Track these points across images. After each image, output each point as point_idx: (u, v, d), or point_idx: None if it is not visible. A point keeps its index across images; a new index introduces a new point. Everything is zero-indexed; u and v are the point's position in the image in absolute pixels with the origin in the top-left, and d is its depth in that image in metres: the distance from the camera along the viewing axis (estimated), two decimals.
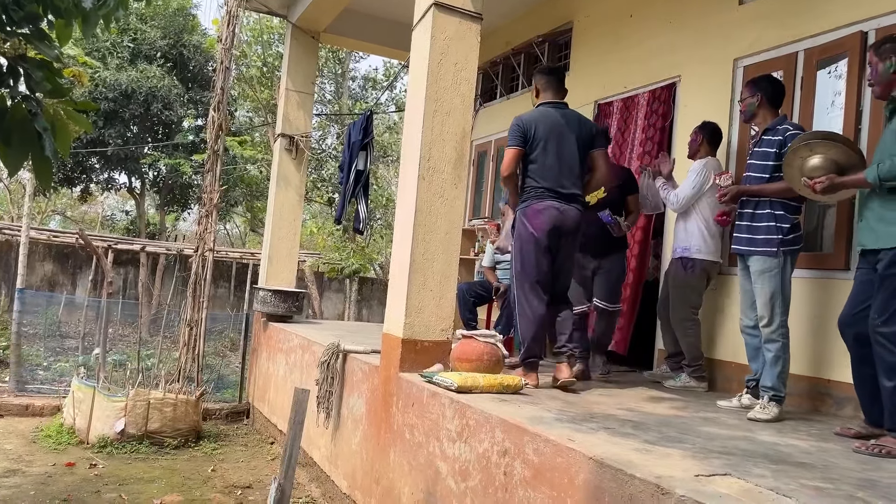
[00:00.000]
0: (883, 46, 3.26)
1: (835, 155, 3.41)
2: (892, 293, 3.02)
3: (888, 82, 3.25)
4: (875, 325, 3.05)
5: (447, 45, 4.08)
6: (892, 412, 3.01)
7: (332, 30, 8.05)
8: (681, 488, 2.08)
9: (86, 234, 11.44)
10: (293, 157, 7.64)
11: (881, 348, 3.03)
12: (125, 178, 18.22)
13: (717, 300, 5.01)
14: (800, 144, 3.53)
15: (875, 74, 3.29)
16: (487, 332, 4.09)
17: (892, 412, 3.01)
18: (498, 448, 2.95)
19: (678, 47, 5.56)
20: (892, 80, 3.24)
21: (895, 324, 2.99)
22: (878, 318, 3.05)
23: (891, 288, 3.02)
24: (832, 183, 3.33)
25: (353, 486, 4.42)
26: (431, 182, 4.04)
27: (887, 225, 3.09)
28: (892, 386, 3.00)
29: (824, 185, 3.34)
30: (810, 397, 4.26)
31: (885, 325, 3.01)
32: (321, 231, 18.93)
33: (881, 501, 2.18)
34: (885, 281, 3.06)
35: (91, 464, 5.30)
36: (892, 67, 3.21)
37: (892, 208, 3.09)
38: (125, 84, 15.16)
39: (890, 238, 3.07)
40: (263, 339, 7.29)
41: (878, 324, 3.04)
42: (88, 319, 11.57)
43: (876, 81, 3.30)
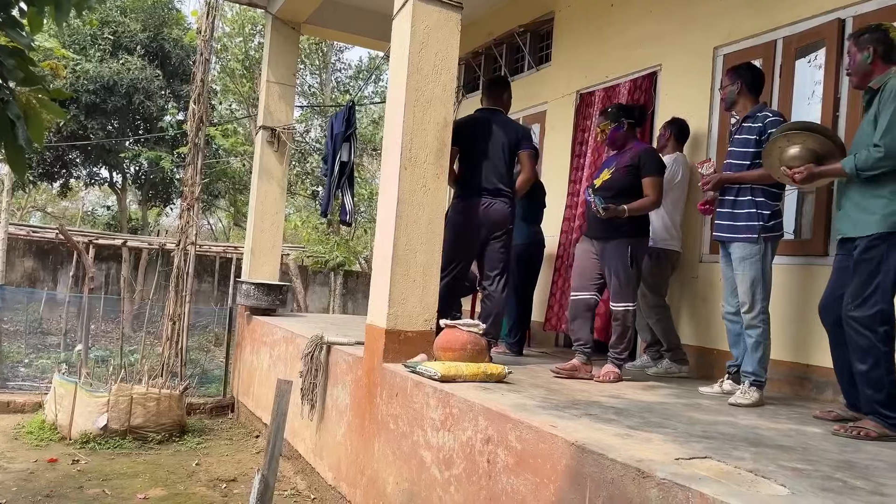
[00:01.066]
0: (862, 36, 3.28)
1: (813, 144, 3.44)
2: (865, 278, 3.06)
3: (865, 72, 3.28)
4: (848, 310, 3.09)
5: (427, 35, 4.06)
6: (867, 395, 3.06)
7: (313, 21, 7.99)
8: (661, 471, 2.10)
9: (66, 229, 11.32)
10: (275, 150, 7.60)
11: (853, 332, 3.07)
12: (106, 173, 18.04)
13: (698, 288, 5.06)
14: (779, 135, 3.57)
15: (853, 64, 3.32)
16: (470, 321, 4.09)
17: (867, 395, 3.06)
18: (481, 436, 2.96)
19: (659, 36, 5.57)
20: (869, 70, 3.26)
21: (867, 308, 3.03)
22: (851, 303, 3.09)
23: (865, 273, 3.07)
24: (810, 173, 3.36)
25: (339, 477, 4.42)
26: (413, 172, 4.03)
27: (864, 213, 3.13)
28: (864, 369, 3.04)
29: (803, 175, 3.36)
30: (790, 382, 4.31)
31: (858, 310, 3.05)
32: (305, 224, 18.85)
33: (859, 482, 2.21)
34: (860, 266, 3.10)
35: (73, 459, 5.25)
36: (869, 58, 3.24)
37: (869, 197, 3.12)
38: (107, 76, 14.99)
39: (867, 226, 3.10)
40: (247, 333, 7.26)
41: (851, 308, 3.08)
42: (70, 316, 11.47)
43: (853, 71, 3.33)
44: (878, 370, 3.00)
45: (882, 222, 3.05)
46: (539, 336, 6.59)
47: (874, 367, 3.00)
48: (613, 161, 4.48)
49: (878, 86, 3.19)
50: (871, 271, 3.05)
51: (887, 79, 3.17)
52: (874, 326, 3.00)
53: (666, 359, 4.81)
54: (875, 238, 3.06)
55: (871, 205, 3.11)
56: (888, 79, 3.16)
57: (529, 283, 5.55)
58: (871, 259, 3.06)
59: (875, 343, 3.00)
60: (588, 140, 6.35)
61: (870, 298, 3.03)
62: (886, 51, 3.22)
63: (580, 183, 6.36)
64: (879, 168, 3.05)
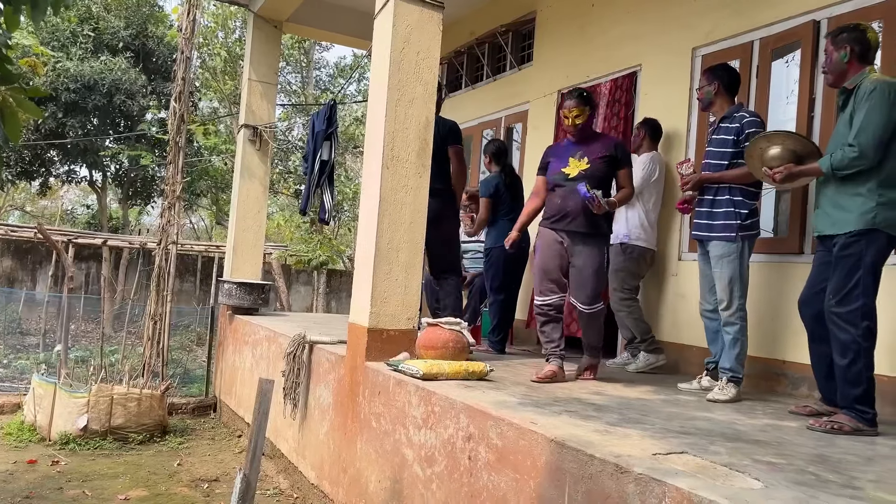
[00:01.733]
0: (839, 36, 3.33)
1: (792, 145, 3.50)
2: (846, 274, 3.12)
3: (841, 71, 3.33)
4: (830, 305, 3.15)
5: (409, 34, 4.07)
6: (844, 390, 3.12)
7: (295, 19, 7.96)
8: (639, 467, 2.13)
9: (45, 228, 11.20)
10: (257, 149, 7.57)
11: (835, 327, 3.13)
12: (86, 172, 17.85)
13: (677, 285, 5.11)
14: (759, 136, 3.63)
15: (829, 63, 3.37)
16: (453, 319, 4.11)
17: (844, 390, 3.12)
18: (463, 433, 2.98)
19: (639, 36, 5.62)
20: (845, 69, 3.31)
21: (848, 303, 3.09)
22: (832, 298, 3.15)
23: (845, 269, 3.12)
24: (790, 172, 3.42)
25: (321, 476, 4.43)
26: (395, 171, 4.04)
27: (842, 211, 3.19)
28: (844, 364, 3.10)
29: (783, 174, 3.42)
30: (766, 378, 4.38)
31: (839, 305, 3.11)
32: (288, 223, 18.78)
33: (831, 475, 2.26)
34: (840, 262, 3.16)
35: (53, 460, 5.21)
36: (846, 57, 3.29)
37: (846, 196, 3.18)
38: (88, 75, 14.82)
39: (845, 223, 3.16)
40: (229, 333, 7.23)
41: (833, 304, 3.14)
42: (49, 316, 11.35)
43: (829, 70, 3.38)
44: (858, 365, 3.06)
45: (859, 220, 3.11)
46: (522, 334, 6.62)
47: (854, 361, 3.06)
48: (578, 150, 4.18)
49: (853, 86, 3.25)
50: (851, 267, 3.11)
51: (861, 79, 3.22)
52: (856, 321, 3.06)
53: (642, 351, 4.88)
54: (853, 235, 3.12)
55: (849, 203, 3.16)
56: (862, 79, 3.22)
57: (514, 282, 5.58)
58: (850, 255, 3.12)
59: (856, 338, 3.06)
60: None
61: (851, 293, 3.09)
62: (863, 51, 3.27)
63: None
64: (854, 167, 3.12)
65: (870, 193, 3.11)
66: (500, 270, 5.41)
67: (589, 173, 4.10)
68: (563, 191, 4.14)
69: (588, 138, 4.25)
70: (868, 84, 3.17)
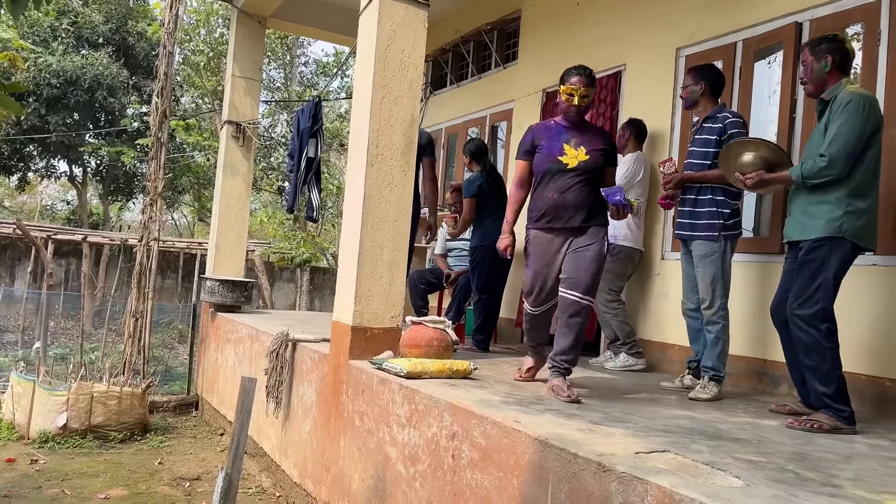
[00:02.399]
0: (819, 46, 3.34)
1: (765, 153, 3.55)
2: (808, 278, 3.18)
3: (822, 81, 3.34)
4: (792, 309, 3.21)
5: (394, 31, 4.06)
6: (816, 390, 3.16)
7: (279, 15, 7.92)
8: (621, 465, 2.14)
9: (24, 224, 11.05)
10: (240, 145, 7.52)
11: (798, 330, 3.18)
12: (66, 167, 17.63)
13: (660, 285, 5.15)
14: (734, 142, 3.69)
15: (809, 73, 3.37)
16: (437, 318, 4.11)
17: (816, 390, 3.16)
18: (446, 432, 2.98)
19: (623, 36, 5.65)
20: (825, 79, 3.33)
21: (809, 306, 3.14)
22: (794, 302, 3.21)
23: (808, 273, 3.19)
24: (761, 179, 3.46)
25: (304, 474, 4.41)
26: (380, 169, 4.02)
27: (810, 218, 3.25)
28: (811, 365, 3.16)
29: (754, 180, 3.47)
30: (748, 377, 4.42)
31: (801, 308, 3.17)
32: (271, 220, 18.66)
33: (810, 473, 2.29)
34: (804, 267, 3.22)
35: (32, 459, 5.15)
36: (827, 67, 3.31)
37: (815, 203, 3.25)
38: (70, 70, 14.64)
39: (812, 230, 3.23)
40: (212, 330, 7.18)
41: (795, 307, 3.20)
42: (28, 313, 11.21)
43: (809, 80, 3.39)
44: (825, 365, 3.11)
45: (826, 227, 3.17)
46: (506, 332, 6.64)
47: (820, 362, 3.12)
48: (572, 137, 3.71)
49: (829, 97, 3.29)
50: (813, 271, 3.17)
51: (838, 90, 3.27)
52: (816, 324, 3.12)
53: (623, 353, 4.91)
54: (819, 240, 3.19)
55: (817, 210, 3.23)
56: (839, 90, 3.26)
57: (500, 281, 5.57)
58: (813, 260, 3.18)
59: (818, 340, 3.11)
60: None
61: (812, 297, 3.14)
62: (843, 61, 3.31)
63: None
64: (823, 177, 3.18)
65: (838, 202, 3.17)
66: (485, 270, 5.39)
67: (588, 166, 3.64)
68: (561, 183, 3.63)
69: (582, 126, 3.79)
70: (844, 95, 3.20)
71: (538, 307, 3.78)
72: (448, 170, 8.24)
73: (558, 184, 3.65)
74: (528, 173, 3.85)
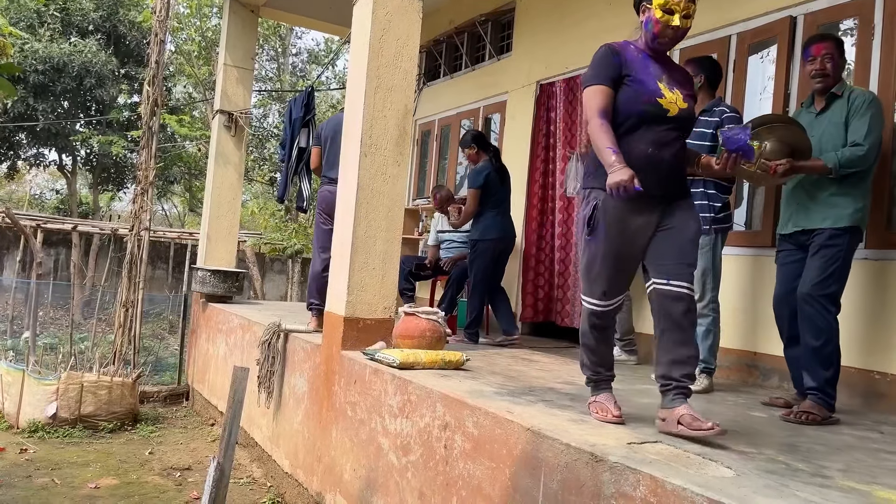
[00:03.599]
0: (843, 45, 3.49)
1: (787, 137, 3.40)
2: (825, 262, 3.25)
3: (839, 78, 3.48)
4: (806, 291, 3.26)
5: (389, 21, 4.04)
6: (816, 371, 3.22)
7: (273, 4, 7.85)
8: (614, 455, 2.15)
9: (13, 212, 10.96)
10: (232, 135, 7.48)
11: (811, 309, 3.23)
12: (55, 156, 17.49)
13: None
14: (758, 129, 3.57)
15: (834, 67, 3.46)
16: (430, 309, 4.11)
17: (816, 371, 3.22)
18: (439, 422, 2.98)
19: (618, 29, 5.61)
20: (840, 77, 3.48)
21: (824, 287, 3.22)
22: (808, 283, 3.26)
23: (826, 258, 3.26)
24: (792, 166, 3.35)
25: (296, 464, 4.41)
26: (374, 159, 4.01)
27: (832, 207, 3.32)
28: (818, 345, 3.22)
29: (785, 167, 3.32)
30: (738, 369, 4.45)
31: (815, 288, 3.23)
32: (263, 211, 18.59)
33: (801, 464, 2.30)
34: (822, 251, 3.28)
35: (22, 448, 5.12)
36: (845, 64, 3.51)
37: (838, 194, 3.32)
38: (57, 57, 14.46)
39: (838, 218, 3.29)
40: (203, 321, 7.16)
41: (809, 287, 3.25)
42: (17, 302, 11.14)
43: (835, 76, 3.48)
44: (830, 347, 3.21)
45: (852, 217, 3.27)
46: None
47: (827, 343, 3.20)
48: (662, 73, 2.81)
49: (840, 92, 3.41)
50: (831, 257, 3.25)
51: (847, 89, 3.41)
52: (828, 305, 3.21)
53: (617, 346, 4.92)
54: (838, 231, 3.27)
55: (843, 201, 3.30)
56: (849, 89, 3.40)
57: (500, 274, 5.50)
58: (833, 246, 3.26)
59: (829, 321, 3.20)
60: (555, 130, 6.42)
61: (827, 280, 3.23)
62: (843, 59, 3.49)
63: (552, 175, 6.44)
64: (858, 167, 3.26)
65: (862, 193, 3.31)
66: (488, 262, 5.30)
67: (687, 116, 2.78)
68: (659, 135, 2.70)
69: (669, 62, 2.94)
70: (863, 94, 3.36)
71: (609, 302, 2.83)
72: (441, 162, 8.23)
73: (656, 135, 2.69)
74: (611, 105, 2.71)
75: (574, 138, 6.24)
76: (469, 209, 5.41)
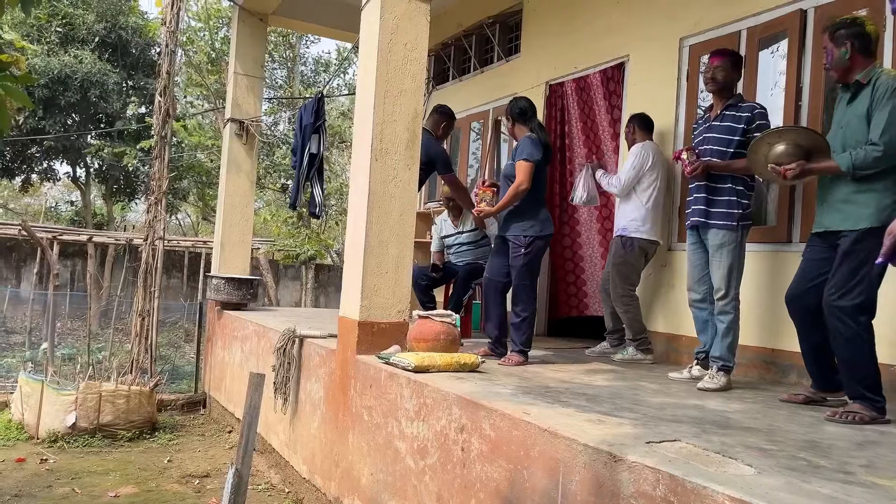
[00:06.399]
0: (838, 32, 3.25)
1: (801, 140, 3.36)
2: (852, 269, 3.07)
3: (845, 68, 3.25)
4: (832, 300, 3.09)
5: (397, 25, 4.05)
6: (851, 383, 3.10)
7: (281, 12, 7.90)
8: (632, 455, 2.14)
9: (29, 225, 11.07)
10: (244, 143, 7.52)
11: (837, 321, 3.07)
12: (68, 168, 17.66)
13: (666, 276, 5.13)
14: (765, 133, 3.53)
15: (830, 59, 3.30)
16: (444, 311, 4.11)
17: (851, 383, 3.10)
18: (455, 425, 2.98)
19: (626, 27, 5.62)
20: (848, 66, 3.24)
21: (851, 298, 3.04)
22: (836, 293, 3.08)
23: (852, 264, 3.07)
24: (803, 169, 3.29)
25: (313, 470, 4.42)
26: (384, 164, 4.02)
27: (856, 207, 3.13)
28: (848, 357, 3.07)
29: (795, 171, 3.27)
30: (756, 366, 4.41)
31: (842, 299, 3.06)
32: (275, 218, 18.68)
33: (822, 461, 2.28)
34: (848, 257, 3.10)
35: (42, 458, 5.17)
36: (847, 53, 3.21)
37: (860, 192, 3.13)
38: (57, 69, 14.54)
39: (859, 219, 3.11)
40: (218, 328, 7.19)
41: (836, 298, 3.08)
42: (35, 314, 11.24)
43: (832, 67, 3.31)
44: (861, 357, 3.04)
45: (875, 216, 3.07)
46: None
47: (857, 354, 3.04)
48: None
49: (866, 80, 3.17)
50: (859, 262, 3.06)
51: (875, 74, 3.15)
52: (856, 316, 3.03)
53: (632, 346, 4.88)
54: (866, 231, 3.07)
55: (863, 199, 3.11)
56: (877, 74, 3.15)
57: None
58: (859, 251, 3.07)
59: (857, 332, 3.03)
60: (570, 130, 6.42)
61: (854, 289, 3.05)
62: (864, 45, 3.20)
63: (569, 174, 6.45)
64: (876, 167, 3.06)
65: (886, 190, 3.08)
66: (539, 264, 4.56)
67: None
68: None
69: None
70: (890, 81, 3.10)
71: None
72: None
73: None
74: None
75: (596, 136, 6.23)
76: (524, 185, 4.34)
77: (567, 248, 6.54)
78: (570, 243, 6.54)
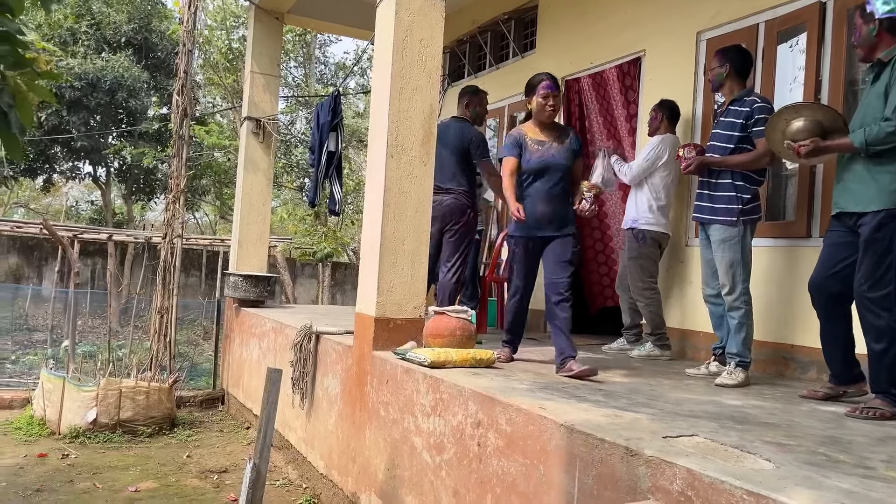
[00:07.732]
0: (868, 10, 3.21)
1: (820, 116, 3.33)
2: (878, 258, 3.01)
3: (871, 45, 3.21)
4: (862, 291, 3.05)
5: (412, 22, 4.05)
6: (878, 375, 3.05)
7: (297, 10, 7.94)
8: (649, 449, 2.13)
9: (50, 224, 11.22)
10: (261, 141, 7.57)
11: (869, 313, 3.03)
12: (89, 168, 17.87)
13: (683, 271, 5.10)
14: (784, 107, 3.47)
15: (858, 37, 3.27)
16: (459, 307, 4.11)
17: (878, 375, 3.05)
18: (471, 420, 2.98)
19: (642, 21, 5.59)
20: (874, 42, 3.19)
21: (882, 288, 2.99)
22: (864, 284, 3.03)
23: (877, 253, 3.01)
24: (816, 146, 3.25)
25: (330, 465, 4.44)
26: (400, 160, 4.03)
27: (869, 187, 3.06)
28: (880, 349, 3.01)
29: (809, 148, 3.24)
30: (775, 362, 4.37)
31: (872, 290, 3.01)
32: (292, 217, 18.78)
33: (842, 456, 2.25)
34: (871, 246, 3.03)
35: (63, 454, 5.24)
36: (874, 30, 3.16)
37: (875, 171, 3.06)
38: (91, 73, 14.77)
39: (871, 200, 3.05)
40: (236, 325, 7.25)
41: (865, 289, 3.03)
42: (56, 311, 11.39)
43: (859, 44, 3.28)
44: (893, 349, 2.99)
45: (888, 198, 3.00)
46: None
47: (889, 346, 2.99)
48: None
49: (888, 58, 3.12)
50: (883, 251, 3.00)
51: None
52: (889, 306, 2.98)
53: (649, 342, 4.86)
54: (885, 216, 3.00)
55: (878, 179, 3.04)
56: None
57: None
58: (882, 238, 3.01)
59: (891, 323, 2.98)
60: (589, 126, 6.40)
61: (883, 278, 2.99)
62: (893, 24, 3.14)
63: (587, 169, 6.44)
64: (890, 143, 2.98)
65: None
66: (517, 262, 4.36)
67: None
68: None
69: None
70: None
71: None
72: None
73: None
74: None
75: (616, 131, 6.19)
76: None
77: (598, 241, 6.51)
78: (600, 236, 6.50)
